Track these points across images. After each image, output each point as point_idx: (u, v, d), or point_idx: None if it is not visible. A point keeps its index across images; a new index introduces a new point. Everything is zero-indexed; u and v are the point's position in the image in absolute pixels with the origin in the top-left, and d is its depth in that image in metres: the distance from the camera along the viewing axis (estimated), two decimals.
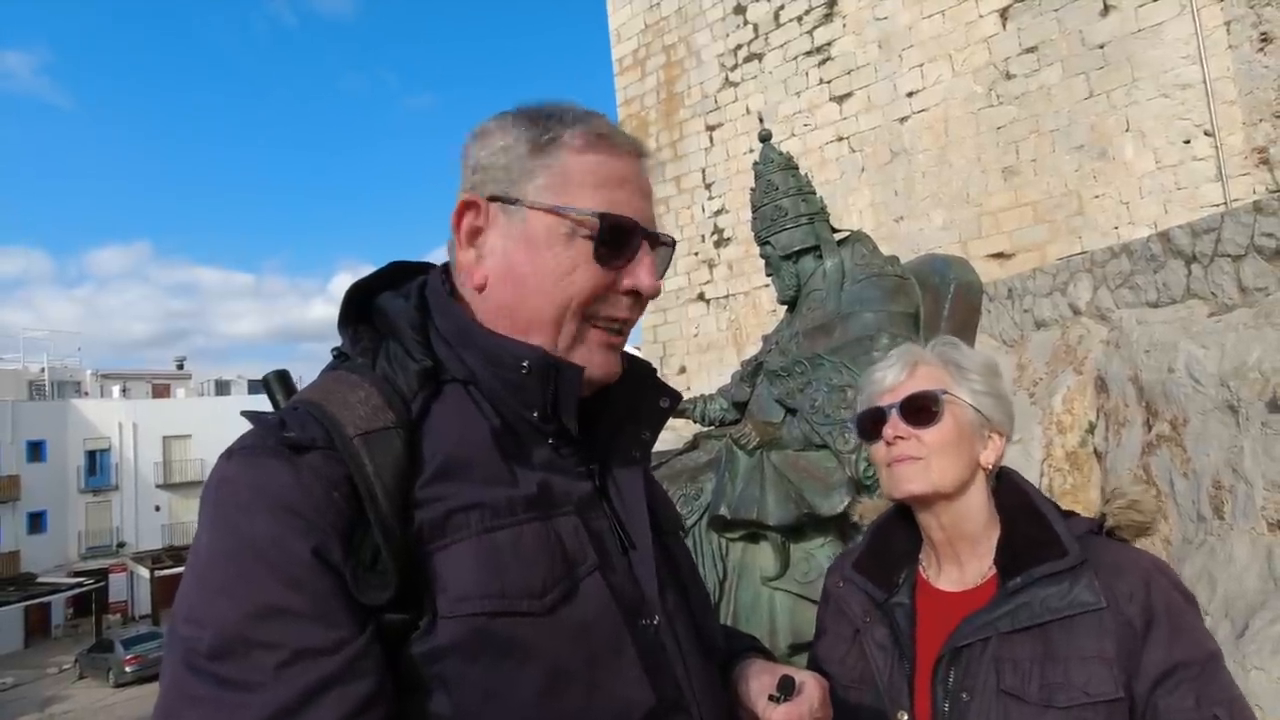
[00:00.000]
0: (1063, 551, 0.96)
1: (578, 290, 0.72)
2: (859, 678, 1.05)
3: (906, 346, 1.12)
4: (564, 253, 0.71)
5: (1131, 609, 0.91)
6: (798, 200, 2.62)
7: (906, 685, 1.00)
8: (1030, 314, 6.14)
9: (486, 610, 0.62)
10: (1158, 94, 7.86)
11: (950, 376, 1.05)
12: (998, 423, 1.05)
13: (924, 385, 1.04)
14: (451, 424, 0.69)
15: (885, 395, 1.06)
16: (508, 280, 0.73)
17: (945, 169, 9.45)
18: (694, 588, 0.86)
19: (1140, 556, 0.98)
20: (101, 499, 27.84)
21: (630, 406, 0.81)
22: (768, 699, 0.78)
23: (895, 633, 1.04)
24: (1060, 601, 0.92)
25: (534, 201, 0.72)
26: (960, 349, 1.09)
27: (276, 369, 0.75)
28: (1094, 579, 0.93)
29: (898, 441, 1.03)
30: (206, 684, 0.55)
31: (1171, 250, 4.60)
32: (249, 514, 0.60)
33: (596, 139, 0.73)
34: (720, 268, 12.02)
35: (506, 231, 0.73)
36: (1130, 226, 7.85)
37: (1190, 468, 3.65)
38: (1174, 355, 3.97)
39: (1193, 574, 3.36)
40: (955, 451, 1.02)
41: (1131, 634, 0.90)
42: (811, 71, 10.79)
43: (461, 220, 0.74)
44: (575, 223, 0.71)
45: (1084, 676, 0.89)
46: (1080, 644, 0.90)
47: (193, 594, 0.59)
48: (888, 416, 1.04)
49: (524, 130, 0.73)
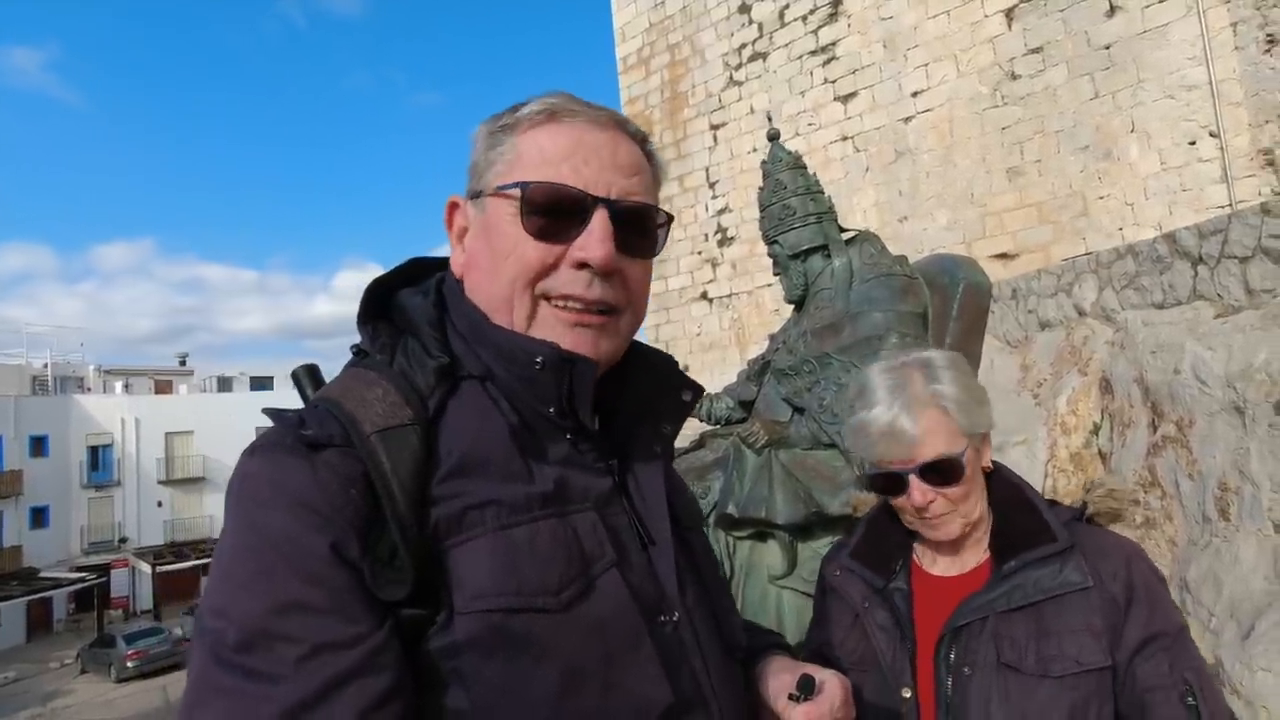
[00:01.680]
0: (1052, 537, 1.04)
1: (518, 266, 0.71)
2: (860, 659, 1.09)
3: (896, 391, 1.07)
4: (509, 231, 0.71)
5: (1115, 587, 1.00)
6: (806, 199, 2.62)
7: (909, 663, 1.06)
8: (1035, 315, 6.13)
9: (502, 607, 0.63)
10: (1163, 95, 7.84)
11: (949, 421, 1.05)
12: (986, 425, 1.10)
13: (938, 445, 1.04)
14: (468, 420, 0.69)
15: (897, 461, 1.06)
16: (473, 269, 0.75)
17: (950, 169, 9.43)
18: (715, 583, 0.86)
19: (1121, 541, 1.08)
20: (104, 494, 27.88)
21: (650, 400, 0.81)
22: (788, 698, 0.77)
23: (896, 615, 1.10)
24: (1052, 581, 1.01)
25: (490, 188, 0.73)
26: (937, 373, 1.07)
27: (306, 363, 0.76)
28: (1081, 561, 1.01)
29: (928, 504, 1.06)
30: (233, 675, 0.56)
31: (1178, 251, 4.59)
32: (268, 510, 0.60)
33: (547, 117, 0.72)
34: (724, 267, 12.01)
35: (476, 224, 0.75)
36: (1135, 228, 7.84)
37: (1196, 469, 3.64)
38: (1180, 356, 3.97)
39: (1199, 575, 3.36)
40: (975, 487, 1.08)
41: (1115, 609, 0.99)
42: (816, 71, 10.78)
43: (451, 221, 0.78)
44: (514, 200, 0.71)
45: (1075, 648, 0.97)
46: (1071, 619, 0.99)
47: (218, 588, 0.60)
48: (908, 482, 1.06)
49: (489, 124, 0.75)
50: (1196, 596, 3.31)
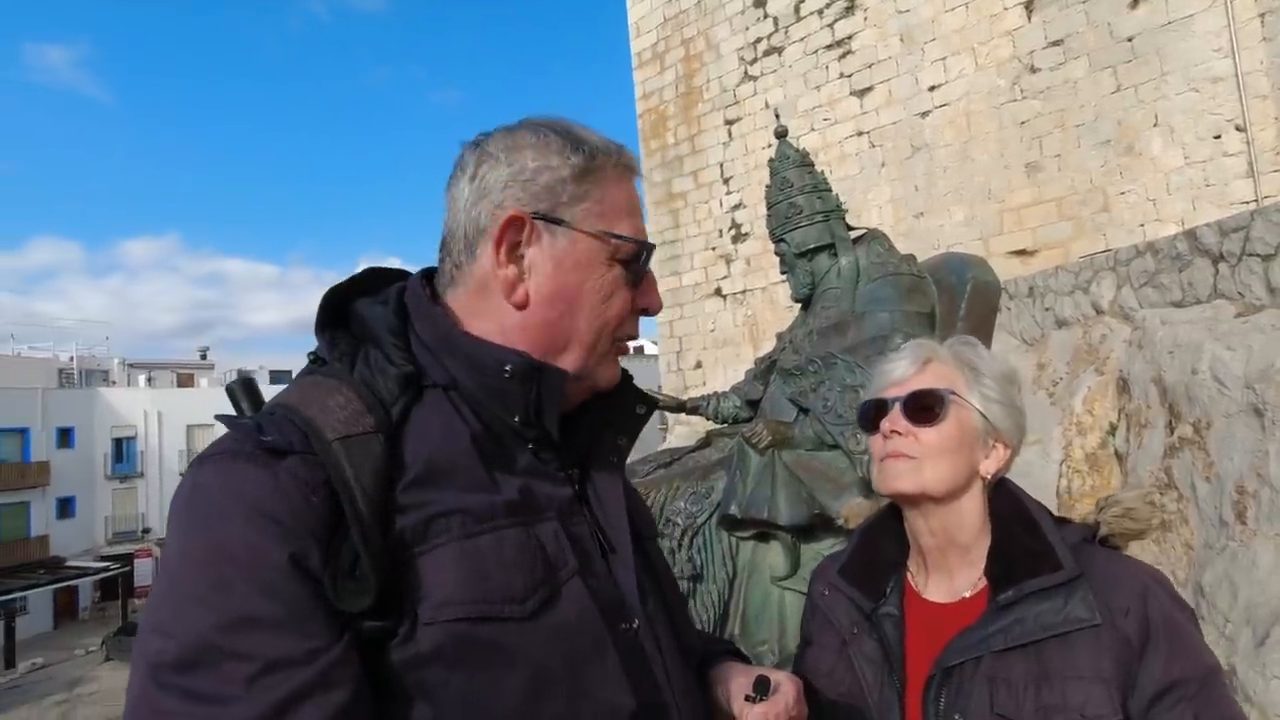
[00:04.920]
0: (1056, 564, 0.92)
1: (615, 314, 0.77)
2: (848, 691, 1.01)
3: (923, 340, 1.08)
4: (607, 275, 0.75)
5: (1128, 625, 0.87)
6: (813, 197, 2.60)
7: (897, 702, 0.96)
8: (1051, 312, 6.05)
9: (469, 616, 0.62)
10: (1187, 88, 7.67)
11: (963, 377, 1.00)
12: (1005, 432, 1.01)
13: (932, 383, 1.00)
14: (432, 429, 0.69)
15: (891, 388, 1.02)
16: (559, 301, 0.74)
17: (967, 164, 9.31)
18: (673, 592, 0.88)
19: (1137, 568, 0.95)
20: (128, 485, 28.41)
21: (607, 413, 0.82)
22: (744, 699, 0.80)
23: (884, 646, 1.00)
24: (1055, 618, 0.89)
25: (582, 225, 0.74)
26: (979, 350, 1.05)
27: (242, 377, 0.75)
28: (1089, 594, 0.89)
29: (894, 436, 0.99)
30: (173, 698, 0.54)
31: (1198, 249, 4.50)
32: (224, 520, 0.58)
33: (626, 169, 0.79)
34: (737, 263, 11.95)
35: (551, 251, 0.74)
36: (1157, 223, 7.69)
37: (1213, 472, 3.57)
38: (1199, 356, 3.89)
39: (1214, 580, 3.30)
40: (952, 456, 0.98)
41: (1129, 651, 0.86)
42: (832, 65, 10.68)
43: (504, 234, 0.73)
44: (616, 248, 0.75)
45: (1081, 697, 0.85)
46: (1076, 663, 0.87)
47: (162, 604, 0.57)
48: (890, 409, 1.01)
49: (568, 153, 0.74)
50: (1212, 602, 3.25)
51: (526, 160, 0.73)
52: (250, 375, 0.81)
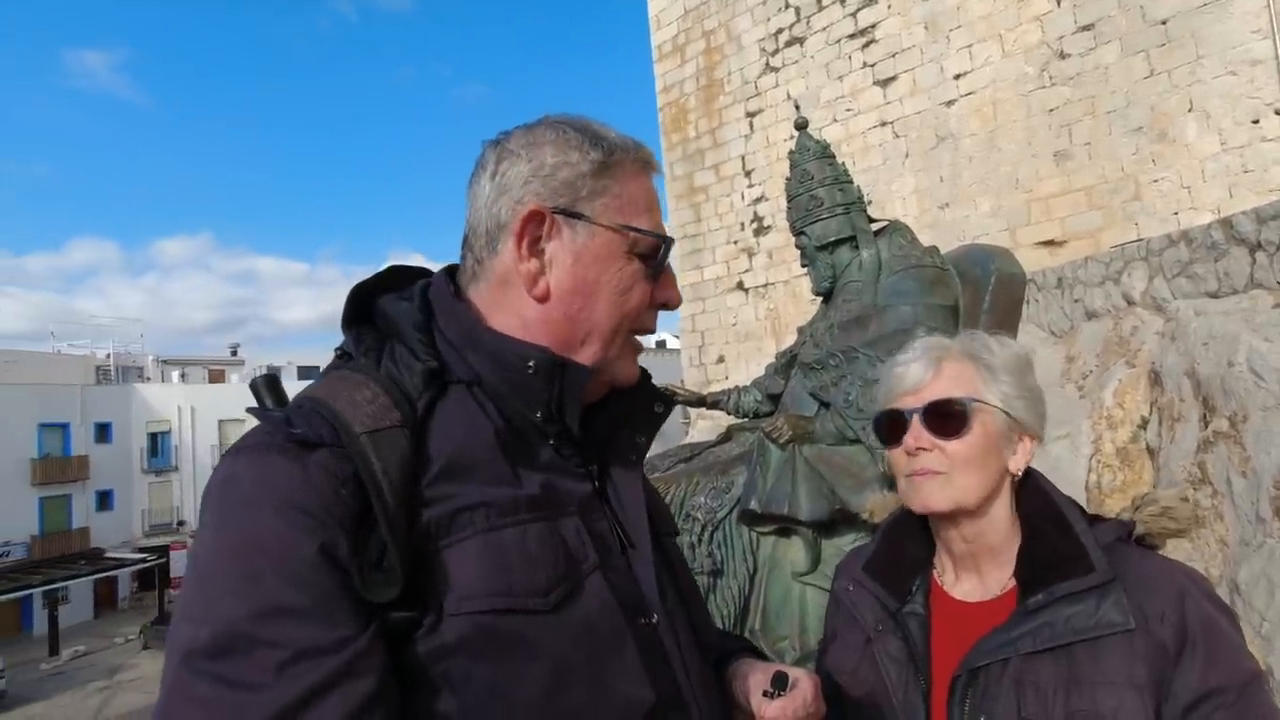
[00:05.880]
0: (1089, 567, 0.88)
1: (634, 306, 0.78)
2: (871, 691, 0.98)
3: (931, 338, 1.03)
4: (626, 269, 0.76)
5: (1164, 630, 0.84)
6: (834, 189, 2.57)
7: (922, 703, 0.94)
8: (1081, 304, 5.92)
9: (492, 608, 0.63)
10: (1224, 71, 7.44)
11: (979, 376, 0.97)
12: (1029, 425, 0.97)
13: (950, 389, 0.96)
14: (456, 424, 0.70)
15: (907, 396, 0.98)
16: (579, 293, 0.75)
17: (993, 154, 9.14)
18: (690, 588, 0.88)
19: (1173, 569, 0.91)
20: (163, 479, 29.15)
21: (626, 411, 0.83)
22: (762, 694, 0.80)
23: (909, 645, 0.97)
24: (1086, 621, 0.86)
25: (601, 219, 0.75)
26: (989, 343, 1.01)
27: (266, 374, 0.76)
28: (1123, 597, 0.86)
29: (919, 453, 0.95)
30: (206, 683, 0.55)
31: (1234, 237, 4.37)
32: (255, 511, 0.60)
33: (645, 165, 0.80)
34: (760, 256, 11.88)
35: (571, 245, 0.75)
36: (1192, 212, 7.49)
37: (1249, 467, 3.48)
38: (1234, 348, 3.79)
39: (1250, 578, 3.22)
40: (981, 464, 0.95)
41: (1164, 656, 0.83)
42: (855, 55, 10.53)
43: (525, 229, 0.74)
44: (634, 241, 0.76)
45: (1113, 703, 0.82)
46: (1108, 668, 0.83)
47: (194, 593, 0.59)
48: (909, 422, 0.96)
49: (587, 149, 0.75)
50: (1248, 600, 3.18)
51: (546, 156, 0.75)
52: (275, 372, 0.82)
